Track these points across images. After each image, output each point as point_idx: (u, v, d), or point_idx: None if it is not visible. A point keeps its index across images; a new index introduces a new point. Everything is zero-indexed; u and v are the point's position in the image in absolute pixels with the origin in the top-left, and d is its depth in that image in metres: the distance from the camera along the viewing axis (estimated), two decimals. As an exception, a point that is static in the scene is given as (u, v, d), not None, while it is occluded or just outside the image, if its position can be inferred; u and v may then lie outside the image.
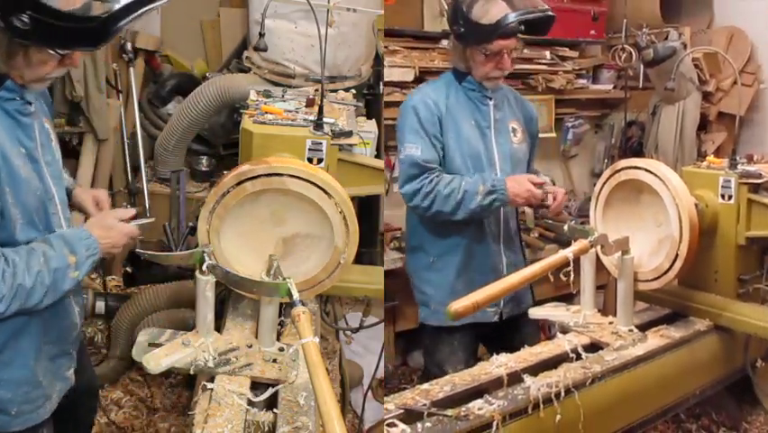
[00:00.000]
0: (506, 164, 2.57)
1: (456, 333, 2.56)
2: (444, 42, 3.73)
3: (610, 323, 2.37)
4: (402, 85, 3.55)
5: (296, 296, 1.71)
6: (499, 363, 2.06)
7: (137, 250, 1.95)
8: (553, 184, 2.57)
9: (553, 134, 4.27)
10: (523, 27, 2.44)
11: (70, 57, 1.66)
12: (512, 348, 2.23)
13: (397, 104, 3.53)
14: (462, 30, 2.46)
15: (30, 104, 1.73)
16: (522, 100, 2.77)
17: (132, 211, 1.90)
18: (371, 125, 2.63)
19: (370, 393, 2.92)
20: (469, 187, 2.42)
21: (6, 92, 1.66)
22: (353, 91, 3.00)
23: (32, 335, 1.78)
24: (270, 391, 1.76)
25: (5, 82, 1.65)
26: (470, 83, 2.56)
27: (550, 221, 2.70)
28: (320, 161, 2.12)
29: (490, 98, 2.58)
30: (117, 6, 1.52)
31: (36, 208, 1.71)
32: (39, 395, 1.82)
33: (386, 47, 3.59)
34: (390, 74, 3.47)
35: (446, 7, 3.63)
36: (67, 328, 1.89)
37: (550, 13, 2.46)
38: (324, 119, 2.17)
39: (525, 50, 4.03)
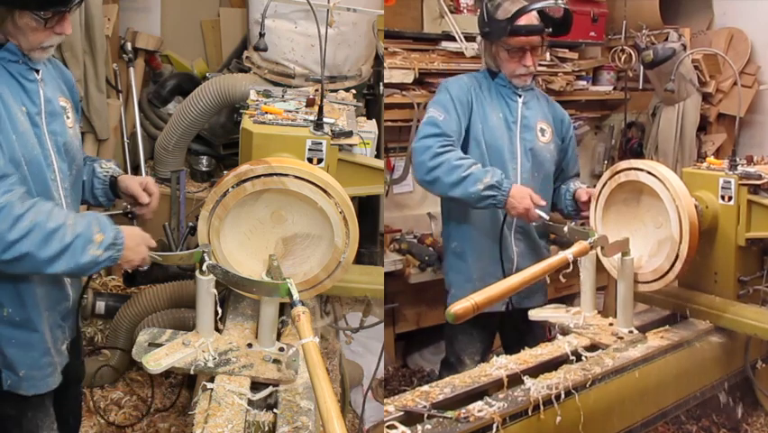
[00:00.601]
0: (527, 160, 2.65)
1: (473, 322, 2.57)
2: (444, 44, 3.74)
3: (610, 324, 2.37)
4: (402, 87, 3.55)
5: (296, 296, 1.71)
6: (499, 365, 2.06)
7: None
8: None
9: (574, 145, 4.26)
10: (547, 28, 2.59)
11: (60, 24, 1.74)
12: (521, 339, 2.24)
13: (396, 106, 3.55)
14: (488, 29, 2.61)
15: (36, 71, 1.80)
16: (554, 104, 2.85)
17: (154, 243, 1.88)
18: (371, 125, 2.63)
19: (370, 393, 2.92)
20: (477, 171, 2.44)
21: (8, 53, 1.74)
22: (353, 91, 3.00)
23: (35, 298, 1.81)
24: (267, 390, 1.76)
25: (6, 44, 1.73)
26: (501, 79, 2.68)
27: (550, 223, 2.70)
28: (320, 161, 2.12)
29: (520, 96, 2.68)
30: None
31: (34, 167, 1.74)
32: (48, 363, 1.86)
33: (386, 48, 3.59)
34: (390, 76, 3.47)
35: (446, 9, 3.65)
36: (58, 296, 1.91)
37: (563, 5, 2.57)
38: (324, 119, 2.17)
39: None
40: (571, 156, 2.84)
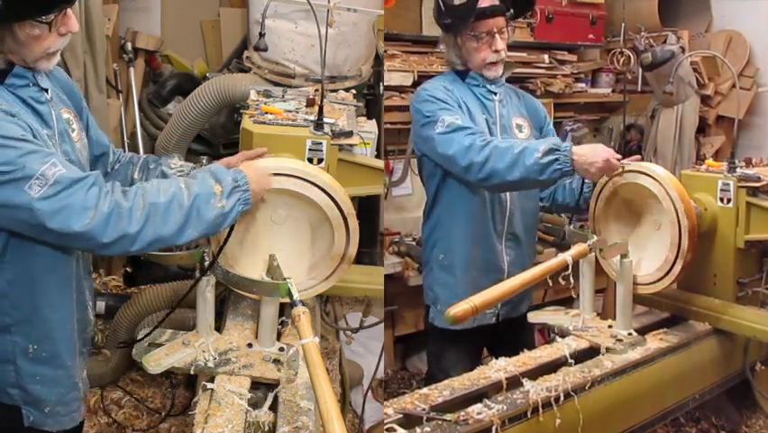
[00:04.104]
0: None
1: (461, 338, 2.54)
2: (443, 47, 3.73)
3: (609, 327, 2.37)
4: (401, 89, 3.56)
5: (296, 296, 1.71)
6: (498, 368, 2.06)
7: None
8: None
9: (552, 129, 4.27)
10: (510, 9, 2.44)
11: (64, 23, 1.62)
12: (511, 351, 2.22)
13: (396, 108, 3.55)
14: (448, 20, 2.47)
15: (45, 90, 1.71)
16: (525, 95, 2.75)
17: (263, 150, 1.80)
18: (371, 125, 2.63)
19: (370, 393, 2.92)
20: (530, 144, 2.28)
21: (17, 78, 1.65)
22: (353, 91, 3.00)
23: (64, 332, 1.77)
24: (271, 394, 1.77)
25: (14, 68, 1.63)
26: (473, 78, 2.54)
27: (549, 225, 2.70)
28: (320, 161, 2.12)
29: (495, 93, 2.55)
30: None
31: None
32: (75, 398, 1.81)
33: (385, 51, 3.60)
34: (389, 78, 3.47)
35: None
36: (83, 323, 1.88)
37: None
38: (325, 119, 2.17)
39: (524, 54, 4.05)
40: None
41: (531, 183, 2.33)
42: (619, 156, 2.29)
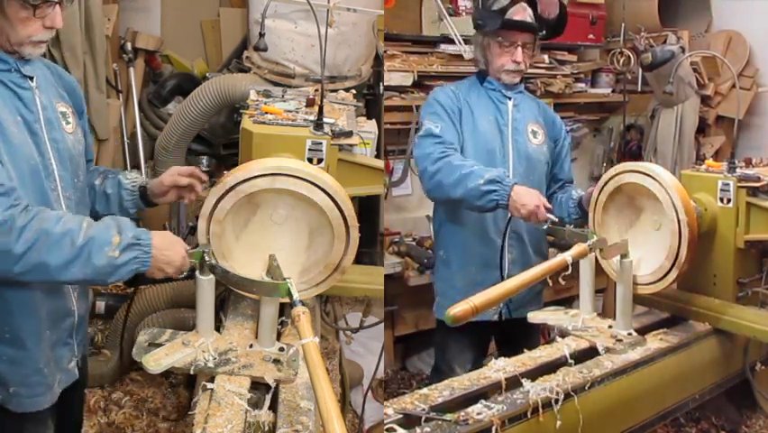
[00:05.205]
0: (520, 164, 2.62)
1: (464, 331, 2.56)
2: (443, 46, 3.74)
3: (609, 327, 2.37)
4: (401, 89, 3.56)
5: (296, 296, 1.70)
6: (498, 368, 2.06)
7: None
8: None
9: (567, 147, 4.27)
10: (541, 30, 2.58)
11: (50, 17, 1.69)
12: (517, 348, 2.24)
13: (396, 108, 3.55)
14: (480, 21, 2.61)
15: (30, 78, 1.76)
16: (546, 107, 2.83)
17: (187, 246, 1.82)
18: (371, 125, 2.63)
19: (370, 393, 2.92)
20: (477, 169, 2.40)
21: (0, 63, 1.70)
22: (353, 91, 3.01)
23: (27, 314, 1.76)
24: (269, 396, 1.76)
25: None
26: (490, 83, 2.66)
27: (557, 225, 2.70)
28: (320, 161, 2.12)
29: (510, 98, 2.65)
30: None
31: (28, 178, 1.70)
32: (38, 382, 1.81)
33: (384, 51, 3.60)
34: (389, 79, 3.47)
35: (445, 12, 3.66)
36: (60, 312, 1.86)
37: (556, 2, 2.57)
38: (324, 119, 2.17)
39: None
40: (565, 159, 2.81)
41: (469, 205, 2.45)
42: (550, 207, 2.39)
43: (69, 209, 1.81)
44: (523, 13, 2.57)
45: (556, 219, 2.38)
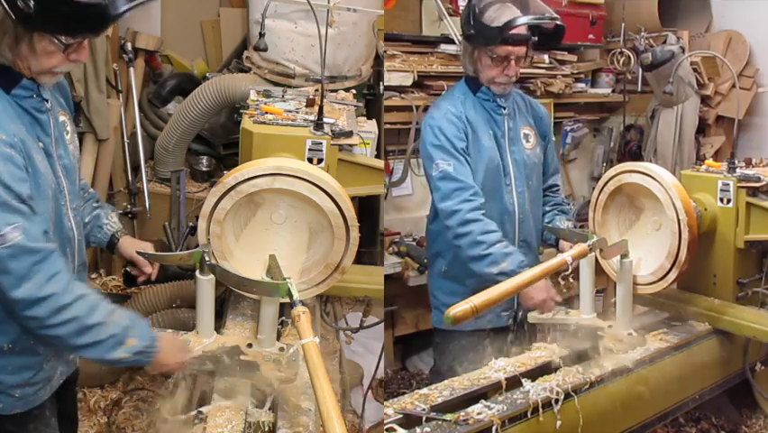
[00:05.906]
0: (519, 173, 2.60)
1: (471, 336, 2.56)
2: (443, 46, 3.75)
3: (609, 327, 2.37)
4: (401, 89, 3.56)
5: (296, 296, 1.70)
6: (498, 368, 2.06)
7: (137, 250, 1.96)
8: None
9: (552, 138, 4.28)
10: (534, 36, 2.48)
11: (76, 50, 1.66)
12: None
13: (396, 108, 3.55)
14: (473, 31, 2.48)
15: (46, 101, 1.75)
16: (531, 101, 2.79)
17: (192, 352, 1.85)
18: (371, 125, 2.63)
19: (370, 393, 2.92)
20: (496, 252, 2.37)
21: (23, 90, 1.69)
22: (353, 91, 3.01)
23: None
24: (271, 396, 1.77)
25: (22, 80, 1.67)
26: (484, 93, 2.58)
27: (549, 225, 2.71)
28: (320, 161, 2.12)
29: (504, 107, 2.60)
30: None
31: (51, 202, 1.72)
32: (41, 378, 1.83)
33: (385, 51, 3.60)
34: (389, 79, 3.48)
35: (445, 12, 3.65)
36: None
37: (558, 21, 2.47)
38: (324, 119, 2.17)
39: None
40: (549, 151, 2.78)
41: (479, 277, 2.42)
42: (559, 299, 2.40)
43: (75, 218, 1.84)
44: (521, 28, 2.46)
45: (563, 307, 2.44)
